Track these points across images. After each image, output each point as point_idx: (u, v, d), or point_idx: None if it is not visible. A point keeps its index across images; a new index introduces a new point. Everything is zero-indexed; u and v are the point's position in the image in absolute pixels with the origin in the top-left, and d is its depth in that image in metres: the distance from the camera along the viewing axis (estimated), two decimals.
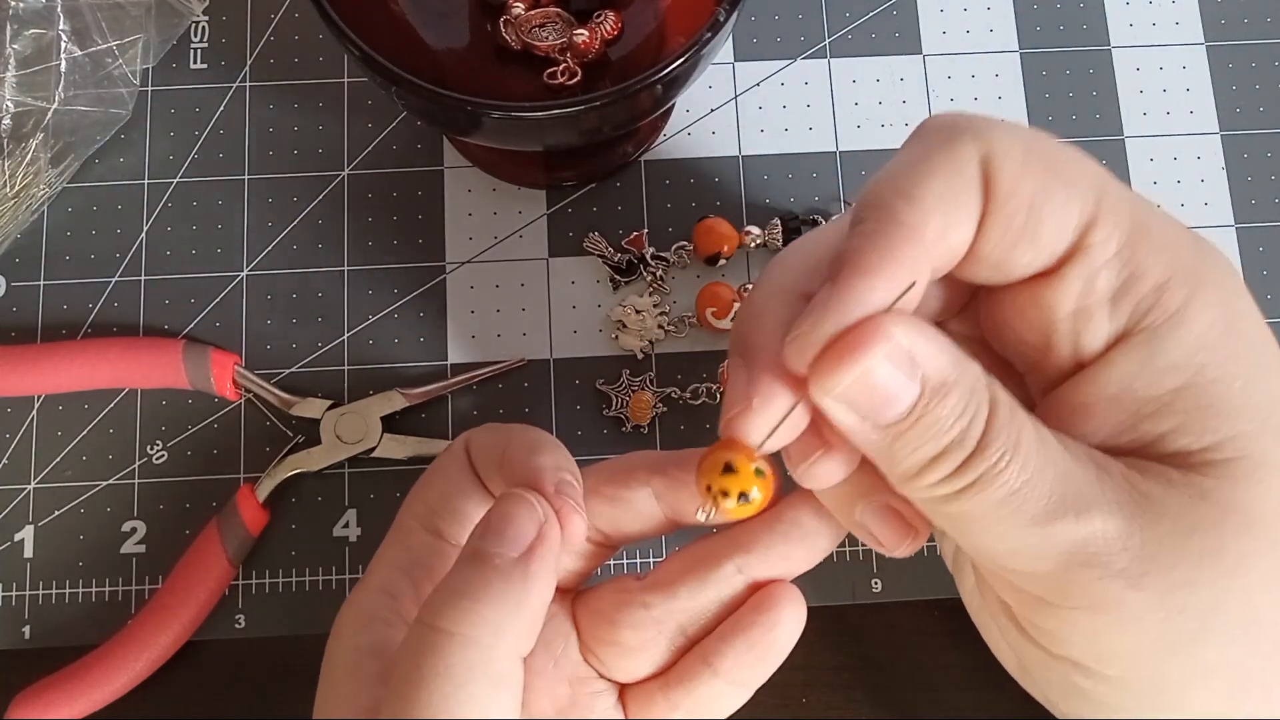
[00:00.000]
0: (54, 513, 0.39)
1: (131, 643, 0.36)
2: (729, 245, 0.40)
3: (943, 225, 0.22)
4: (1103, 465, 0.23)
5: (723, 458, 0.22)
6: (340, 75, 0.43)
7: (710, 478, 0.22)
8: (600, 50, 0.37)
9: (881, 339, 0.21)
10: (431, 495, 0.27)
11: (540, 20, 0.37)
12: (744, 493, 0.22)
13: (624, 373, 0.40)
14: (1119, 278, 0.23)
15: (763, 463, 0.23)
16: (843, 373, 0.21)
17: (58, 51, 0.40)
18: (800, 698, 0.38)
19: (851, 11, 0.44)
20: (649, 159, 0.42)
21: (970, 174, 0.22)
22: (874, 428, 0.22)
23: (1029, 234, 0.23)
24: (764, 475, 0.23)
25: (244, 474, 0.39)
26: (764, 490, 0.23)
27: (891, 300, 0.21)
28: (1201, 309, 0.23)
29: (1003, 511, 0.22)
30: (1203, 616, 0.22)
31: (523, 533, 0.23)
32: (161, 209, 0.41)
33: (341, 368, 0.40)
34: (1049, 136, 0.24)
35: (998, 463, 0.21)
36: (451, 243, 0.41)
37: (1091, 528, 0.22)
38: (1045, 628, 0.24)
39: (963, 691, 0.38)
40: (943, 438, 0.21)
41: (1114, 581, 0.22)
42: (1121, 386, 0.23)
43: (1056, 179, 0.23)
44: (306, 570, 0.38)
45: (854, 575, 0.38)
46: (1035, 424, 0.22)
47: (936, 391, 0.21)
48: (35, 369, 0.38)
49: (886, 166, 0.23)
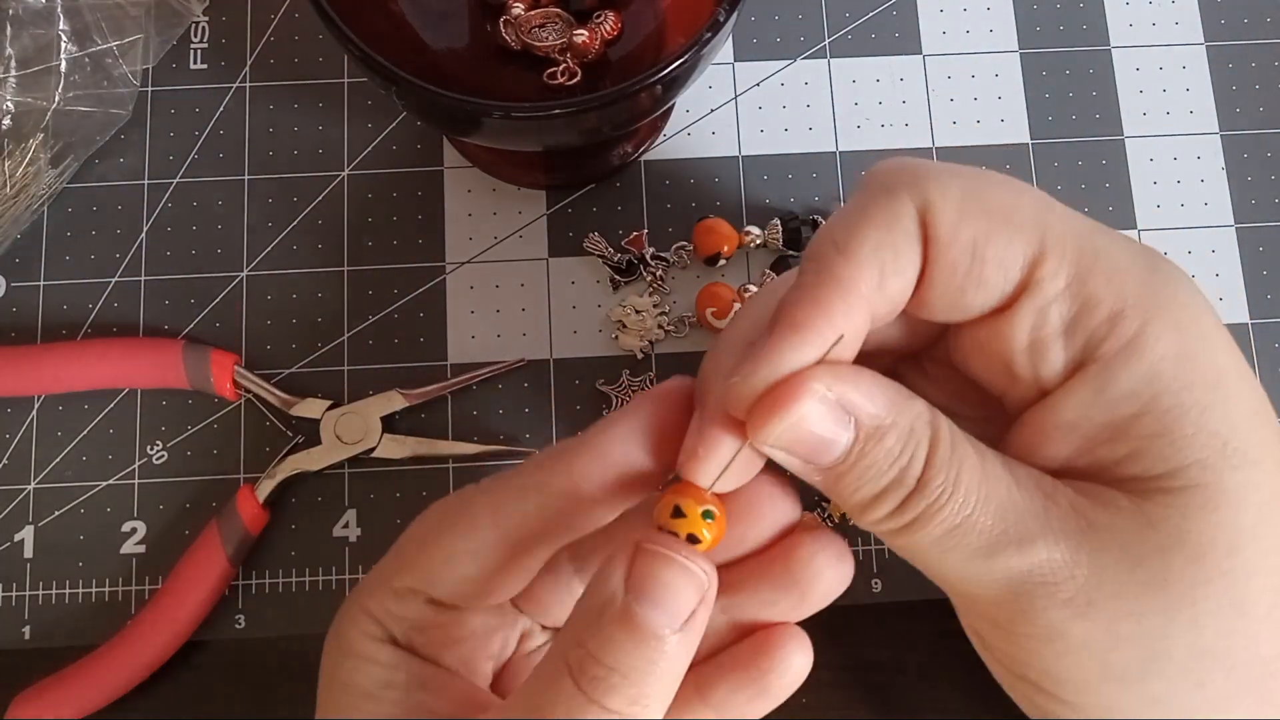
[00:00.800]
0: (54, 513, 0.39)
1: (131, 643, 0.36)
2: (729, 245, 0.40)
3: (879, 276, 0.23)
4: (1051, 494, 0.23)
5: (672, 501, 0.23)
6: (340, 75, 0.43)
7: (662, 521, 0.23)
8: (600, 50, 0.37)
9: (805, 393, 0.22)
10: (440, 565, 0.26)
11: (540, 20, 0.37)
12: (692, 535, 0.23)
13: (624, 373, 0.40)
14: (1071, 309, 0.23)
15: (714, 504, 0.23)
16: (774, 423, 0.22)
17: (58, 51, 0.40)
18: (800, 698, 0.37)
19: (851, 11, 0.44)
20: (649, 159, 0.42)
21: (907, 225, 0.23)
22: (815, 470, 0.23)
23: (974, 277, 0.23)
24: (713, 517, 0.23)
25: (244, 474, 0.39)
26: (712, 531, 0.23)
27: (821, 353, 0.22)
28: (1156, 339, 0.23)
29: (947, 544, 0.23)
30: (1149, 646, 0.23)
31: (685, 604, 0.22)
32: (161, 209, 0.41)
33: (341, 368, 0.40)
34: (992, 175, 0.24)
35: (937, 499, 0.22)
36: (451, 243, 0.41)
37: (1036, 558, 0.22)
38: (1004, 650, 0.24)
39: (962, 691, 0.38)
40: (881, 479, 0.23)
41: (1060, 610, 0.22)
42: (1078, 414, 0.24)
43: (996, 221, 0.23)
44: (306, 570, 0.38)
45: (854, 575, 0.38)
46: (980, 457, 0.23)
47: (872, 435, 0.22)
48: (35, 369, 0.38)
49: (831, 217, 0.24)
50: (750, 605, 0.25)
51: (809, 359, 0.22)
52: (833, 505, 0.38)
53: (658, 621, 0.22)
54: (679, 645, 0.22)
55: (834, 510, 0.38)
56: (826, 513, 0.38)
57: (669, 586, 0.22)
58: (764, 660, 0.25)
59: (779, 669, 0.25)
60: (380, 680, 0.25)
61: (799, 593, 0.24)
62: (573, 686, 0.22)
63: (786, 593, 0.24)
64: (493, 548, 0.25)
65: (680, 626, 0.22)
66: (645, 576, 0.22)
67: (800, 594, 0.24)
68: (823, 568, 0.24)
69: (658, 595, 0.22)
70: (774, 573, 0.24)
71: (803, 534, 0.25)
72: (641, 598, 0.22)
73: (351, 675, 0.25)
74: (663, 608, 0.22)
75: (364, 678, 0.25)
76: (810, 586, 0.24)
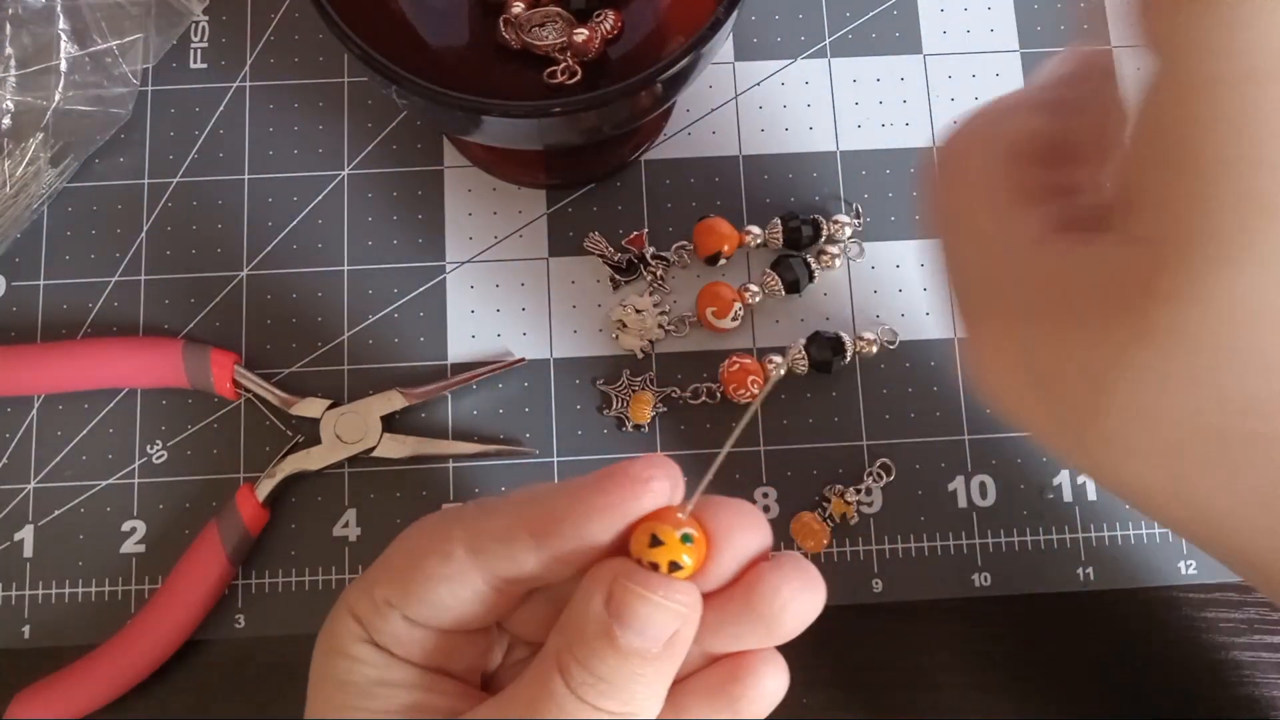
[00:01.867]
0: (54, 513, 0.39)
1: (131, 643, 0.36)
2: (729, 245, 0.40)
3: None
4: None
5: (648, 530, 0.23)
6: (340, 75, 0.43)
7: (640, 553, 0.23)
8: (600, 49, 0.37)
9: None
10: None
11: (540, 20, 0.37)
12: (674, 562, 0.22)
13: (624, 373, 0.40)
14: None
15: (691, 526, 0.23)
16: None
17: (57, 51, 0.40)
18: (800, 698, 0.38)
19: (851, 11, 0.44)
20: (649, 159, 0.42)
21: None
22: None
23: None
24: (692, 540, 0.23)
25: (244, 474, 0.39)
26: (694, 555, 0.23)
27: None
28: None
29: None
30: None
31: (665, 630, 0.23)
32: (161, 209, 0.41)
33: (341, 367, 0.40)
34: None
35: None
36: (451, 242, 0.41)
37: None
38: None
39: (963, 691, 0.38)
40: None
41: None
42: None
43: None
44: (306, 570, 0.38)
45: (854, 575, 0.38)
46: None
47: None
48: (35, 369, 0.38)
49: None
50: (718, 640, 0.24)
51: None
52: (833, 505, 0.38)
53: (640, 645, 0.22)
54: (665, 657, 0.22)
55: (834, 510, 0.38)
56: (827, 513, 0.38)
57: (648, 619, 0.22)
58: (735, 686, 0.24)
59: (751, 694, 0.24)
60: (374, 679, 0.25)
61: (765, 627, 0.23)
62: (565, 688, 0.22)
63: (753, 627, 0.23)
64: (467, 579, 0.24)
65: (663, 647, 0.22)
66: (623, 607, 0.22)
67: (766, 628, 0.23)
68: (788, 600, 0.23)
69: (637, 625, 0.22)
70: (736, 607, 0.23)
71: (766, 565, 0.24)
72: (622, 625, 0.22)
73: (347, 674, 0.25)
74: (643, 635, 0.22)
75: (359, 676, 0.25)
76: (777, 620, 0.23)
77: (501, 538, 0.24)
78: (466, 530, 0.24)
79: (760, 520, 0.24)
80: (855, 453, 0.39)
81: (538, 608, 0.27)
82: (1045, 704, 0.38)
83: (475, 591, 0.24)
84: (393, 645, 0.25)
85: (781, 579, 0.23)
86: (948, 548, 0.39)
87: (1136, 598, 0.39)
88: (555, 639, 0.23)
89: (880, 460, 0.39)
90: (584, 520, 0.23)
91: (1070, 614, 0.38)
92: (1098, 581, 0.38)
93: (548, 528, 0.23)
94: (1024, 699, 0.38)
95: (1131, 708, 0.38)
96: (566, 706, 0.22)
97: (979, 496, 0.39)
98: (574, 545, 0.23)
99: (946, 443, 0.40)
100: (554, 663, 0.23)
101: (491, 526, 0.24)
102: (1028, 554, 0.39)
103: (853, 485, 0.39)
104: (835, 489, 0.39)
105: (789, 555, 0.24)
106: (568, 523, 0.23)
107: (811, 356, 0.39)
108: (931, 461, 0.39)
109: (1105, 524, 0.39)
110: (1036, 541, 0.39)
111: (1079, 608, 0.38)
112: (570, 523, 0.23)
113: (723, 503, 0.24)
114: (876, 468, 0.39)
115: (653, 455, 0.24)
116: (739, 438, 0.39)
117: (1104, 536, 0.39)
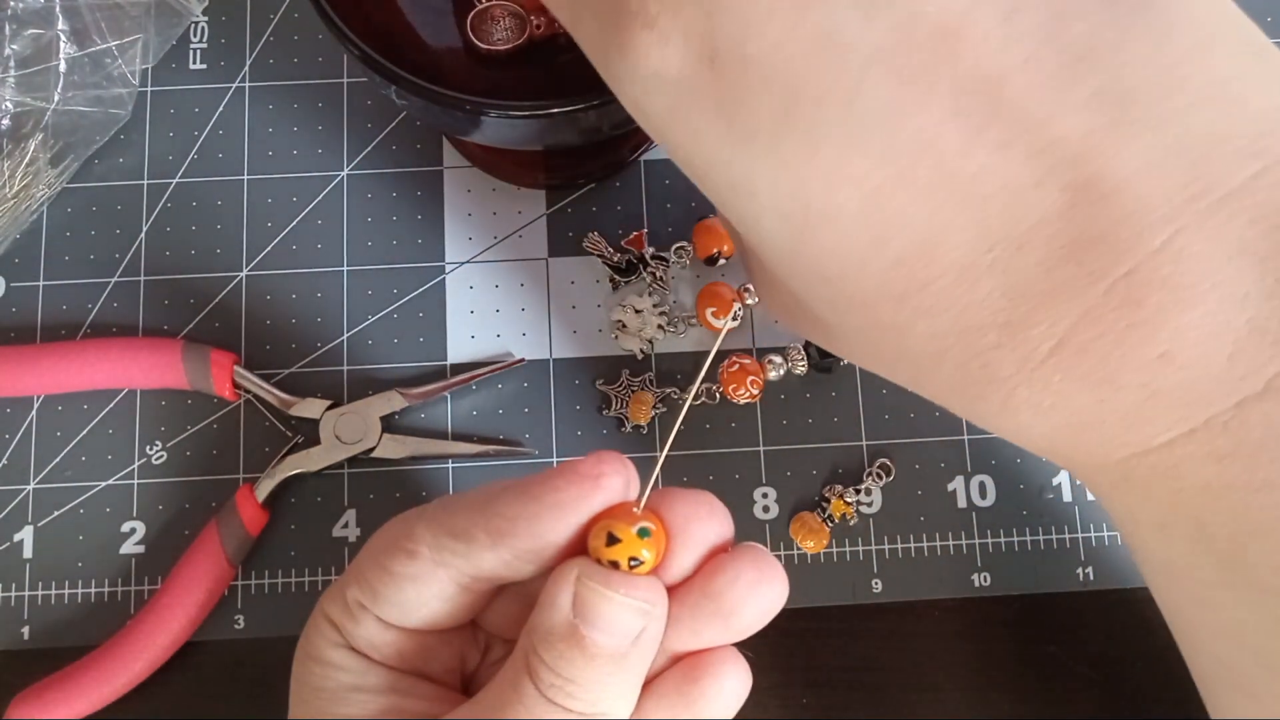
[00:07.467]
0: (53, 513, 0.39)
1: (131, 643, 0.36)
2: (728, 245, 0.40)
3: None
4: None
5: (604, 528, 0.22)
6: (340, 76, 0.43)
7: (599, 552, 0.23)
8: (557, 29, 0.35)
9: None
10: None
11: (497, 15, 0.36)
12: (633, 558, 0.22)
13: (624, 373, 0.40)
14: None
15: (648, 519, 0.23)
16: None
17: (57, 51, 0.40)
18: (800, 698, 0.38)
19: None
20: (649, 159, 0.42)
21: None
22: None
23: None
24: (649, 534, 0.22)
25: (243, 474, 0.39)
26: (653, 549, 0.22)
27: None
28: None
29: None
30: None
31: (632, 628, 0.22)
32: (161, 209, 0.41)
33: (341, 368, 0.40)
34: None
35: None
36: (451, 243, 0.41)
37: None
38: None
39: (963, 691, 0.38)
40: None
41: None
42: None
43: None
44: (306, 570, 0.38)
45: (854, 575, 0.38)
46: None
47: None
48: (35, 369, 0.38)
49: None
50: (679, 636, 0.23)
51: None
52: (833, 505, 0.38)
53: (607, 644, 0.22)
54: (634, 656, 0.22)
55: (834, 510, 0.38)
56: (826, 513, 0.38)
57: (612, 618, 0.22)
58: (692, 688, 0.23)
59: (709, 694, 0.23)
60: (349, 684, 0.25)
61: (722, 621, 0.23)
62: (535, 690, 0.22)
63: (709, 621, 0.23)
64: (433, 577, 0.24)
65: (630, 644, 0.22)
66: (587, 607, 0.22)
67: (724, 622, 0.23)
68: (744, 594, 0.23)
69: (602, 624, 0.22)
70: (694, 599, 0.23)
71: (724, 556, 0.23)
72: (587, 625, 0.22)
73: (322, 680, 0.25)
74: (609, 634, 0.22)
75: (333, 682, 0.25)
76: (735, 613, 0.23)
77: (460, 536, 0.24)
78: (429, 528, 0.24)
79: (719, 509, 0.24)
80: (855, 453, 0.40)
81: (510, 604, 0.26)
82: (1045, 704, 0.38)
83: (442, 589, 0.24)
84: (367, 649, 0.25)
85: (739, 570, 0.23)
86: (947, 548, 0.39)
87: (1136, 598, 0.39)
88: (525, 639, 0.23)
89: (880, 460, 0.39)
90: (536, 520, 0.23)
91: (1070, 614, 0.38)
92: (1097, 581, 0.39)
93: (501, 527, 0.23)
94: (1024, 699, 0.38)
95: (1131, 708, 0.38)
96: (536, 708, 0.22)
97: (978, 496, 0.39)
98: (530, 544, 0.23)
99: (946, 443, 0.40)
100: (524, 664, 0.23)
101: (451, 525, 0.24)
102: (1027, 554, 0.39)
103: (852, 485, 0.39)
104: (835, 489, 0.39)
105: (748, 546, 0.24)
106: (520, 522, 0.23)
107: (811, 356, 0.39)
108: (931, 461, 0.39)
109: (1105, 524, 0.39)
110: (1036, 541, 0.39)
111: (1079, 608, 0.39)
112: (523, 522, 0.23)
113: (679, 494, 0.23)
114: (876, 468, 0.39)
115: (604, 451, 0.23)
116: (738, 438, 0.39)
117: (1104, 536, 0.39)
